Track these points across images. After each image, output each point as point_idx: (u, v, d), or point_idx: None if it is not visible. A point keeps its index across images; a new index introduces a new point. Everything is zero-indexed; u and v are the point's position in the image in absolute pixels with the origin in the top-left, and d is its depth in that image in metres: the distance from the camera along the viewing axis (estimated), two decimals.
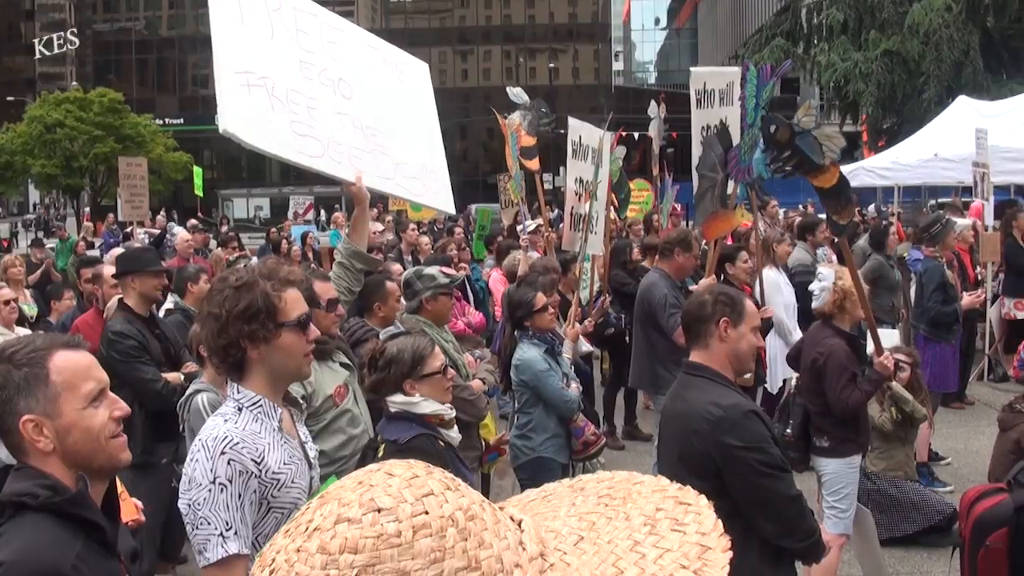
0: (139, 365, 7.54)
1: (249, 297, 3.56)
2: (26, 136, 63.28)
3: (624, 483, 1.61)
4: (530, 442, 7.65)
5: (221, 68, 5.47)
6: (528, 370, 7.60)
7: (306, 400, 5.22)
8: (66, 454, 2.85)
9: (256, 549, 3.40)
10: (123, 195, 21.05)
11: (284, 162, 5.85)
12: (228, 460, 3.41)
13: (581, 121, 11.93)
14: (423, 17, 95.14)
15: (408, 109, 6.92)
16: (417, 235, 17.14)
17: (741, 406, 4.68)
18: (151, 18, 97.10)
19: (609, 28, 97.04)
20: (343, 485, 1.41)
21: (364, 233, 6.46)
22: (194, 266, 10.75)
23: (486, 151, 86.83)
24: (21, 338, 3.04)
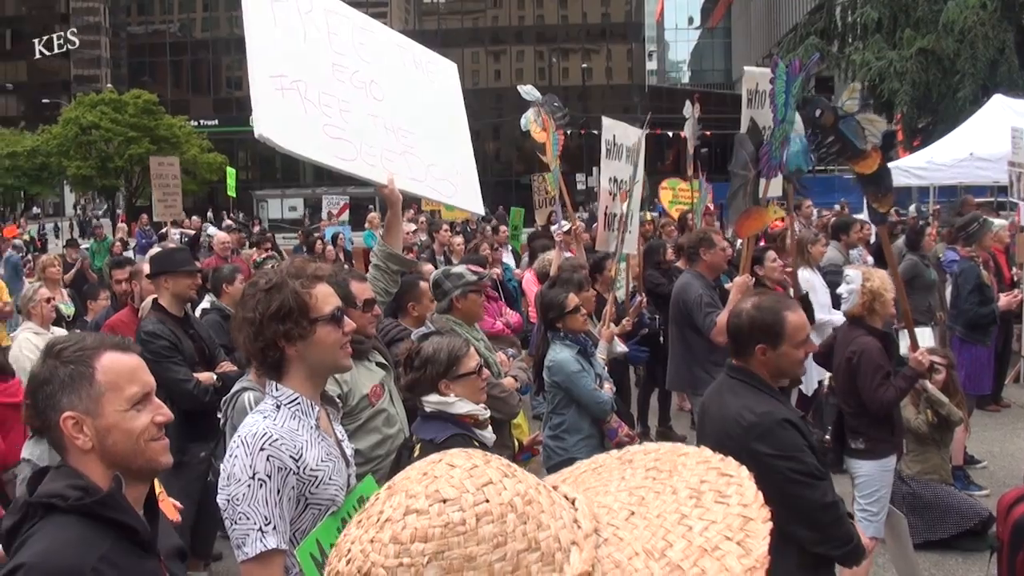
0: (170, 365, 7.60)
1: (280, 297, 3.61)
2: (61, 138, 63.79)
3: (670, 454, 1.68)
4: (563, 443, 7.64)
5: (255, 72, 5.49)
6: (561, 371, 7.59)
7: (342, 399, 5.25)
8: (105, 453, 2.88)
9: (294, 544, 3.45)
10: (155, 195, 21.10)
11: (318, 165, 5.88)
12: (267, 456, 3.45)
13: (615, 120, 11.91)
14: (456, 18, 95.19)
15: (437, 110, 6.93)
16: (450, 235, 17.16)
17: (774, 414, 4.66)
18: (185, 20, 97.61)
19: (642, 28, 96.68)
20: (409, 476, 1.49)
21: (398, 235, 6.49)
22: (229, 266, 10.82)
23: (519, 151, 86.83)
24: (71, 335, 3.07)
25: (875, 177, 7.29)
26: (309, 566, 3.31)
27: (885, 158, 7.51)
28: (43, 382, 2.90)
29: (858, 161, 7.19)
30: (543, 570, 1.41)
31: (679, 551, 1.46)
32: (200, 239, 21.17)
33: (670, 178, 20.68)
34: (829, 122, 7.25)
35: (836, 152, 7.31)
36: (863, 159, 7.15)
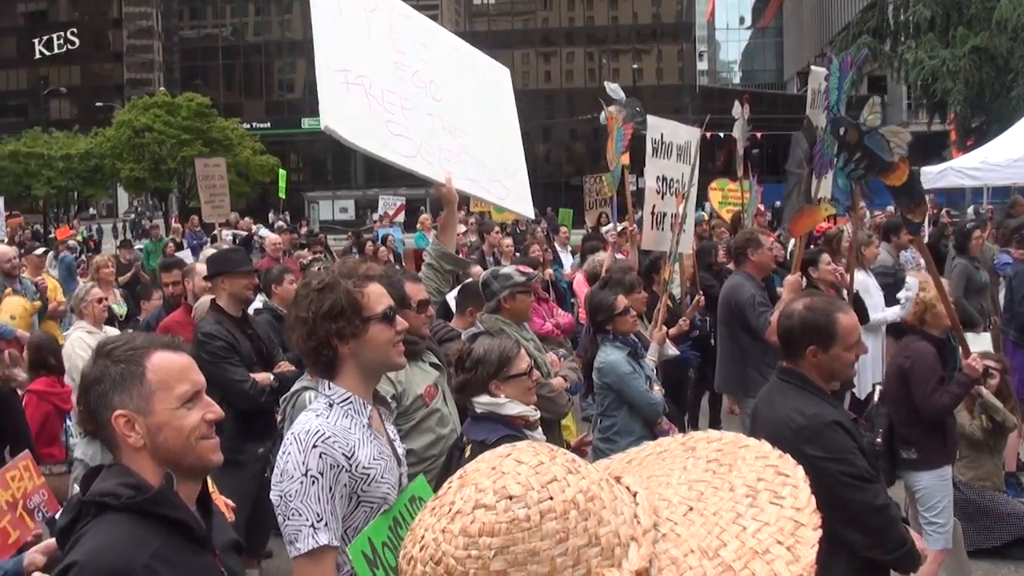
0: (227, 366, 7.63)
1: (332, 297, 3.65)
2: (115, 140, 64.47)
3: (731, 446, 1.74)
4: (614, 445, 7.59)
5: (322, 66, 5.56)
6: (612, 373, 7.57)
7: (396, 399, 5.30)
8: (156, 451, 2.91)
9: (345, 542, 3.47)
10: (202, 196, 21.18)
11: (380, 160, 5.91)
12: (320, 453, 3.48)
13: (662, 119, 11.87)
14: (506, 19, 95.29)
15: (491, 113, 6.98)
16: (500, 237, 17.18)
17: (824, 416, 4.64)
18: (237, 24, 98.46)
19: (693, 28, 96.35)
20: (479, 470, 1.58)
21: (452, 234, 6.53)
22: (279, 267, 10.91)
23: (568, 153, 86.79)
24: (122, 335, 3.11)
25: (906, 188, 7.26)
26: (360, 563, 3.34)
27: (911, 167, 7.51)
28: (95, 381, 2.94)
29: (887, 174, 7.18)
30: (603, 564, 1.47)
31: (732, 551, 1.50)
32: (252, 240, 21.30)
33: (719, 179, 20.60)
34: (854, 139, 7.23)
35: (865, 168, 7.28)
36: (892, 172, 7.14)
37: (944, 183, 22.47)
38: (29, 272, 13.57)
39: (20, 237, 31.75)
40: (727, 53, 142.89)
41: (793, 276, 8.39)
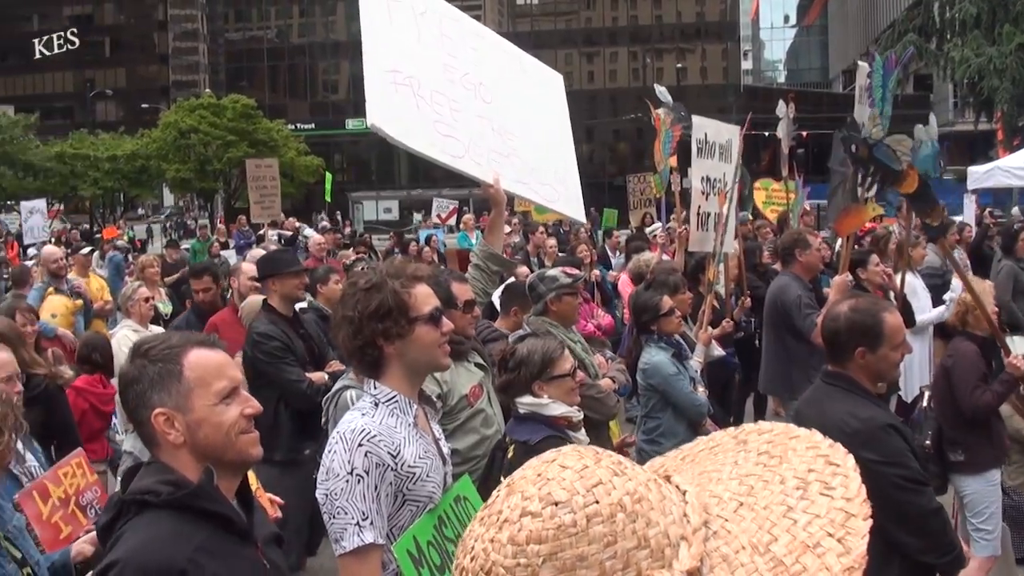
0: (284, 366, 7.66)
1: (379, 297, 3.67)
2: (161, 141, 65.00)
3: (782, 436, 1.71)
4: (659, 447, 7.56)
5: (370, 66, 5.61)
6: (656, 374, 7.56)
7: (442, 399, 5.31)
8: (196, 447, 2.94)
9: (391, 540, 3.49)
10: (253, 196, 21.35)
11: (428, 160, 5.93)
12: (365, 452, 3.51)
13: (706, 118, 11.82)
14: (549, 19, 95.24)
15: (543, 117, 6.99)
16: (544, 237, 17.16)
17: (878, 419, 4.60)
18: (282, 26, 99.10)
19: (737, 27, 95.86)
20: (525, 477, 1.55)
21: (499, 235, 6.54)
22: (324, 267, 10.96)
23: (612, 153, 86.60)
24: (158, 335, 3.15)
25: (919, 194, 7.25)
26: (406, 562, 3.35)
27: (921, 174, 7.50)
28: (132, 381, 2.98)
29: (900, 183, 7.17)
30: (653, 566, 1.46)
31: (783, 546, 1.49)
32: (297, 240, 21.42)
33: (763, 178, 20.48)
34: (864, 154, 7.24)
35: (880, 180, 7.27)
36: (903, 180, 7.13)
37: (991, 183, 22.22)
38: (76, 272, 13.70)
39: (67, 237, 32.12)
40: (772, 52, 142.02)
41: (841, 277, 8.33)
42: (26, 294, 11.68)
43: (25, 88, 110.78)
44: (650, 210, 20.17)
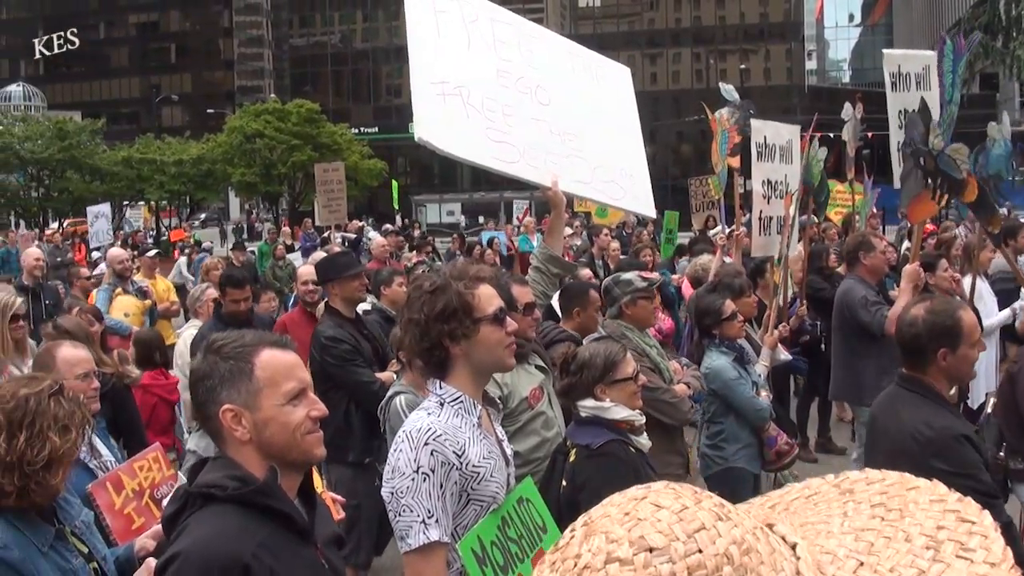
0: (354, 368, 7.72)
1: (444, 298, 3.71)
2: (226, 146, 65.72)
3: (898, 488, 1.51)
4: (722, 452, 7.54)
5: (417, 79, 5.61)
6: (718, 378, 7.51)
7: (502, 401, 5.31)
8: (261, 445, 2.98)
9: (455, 539, 3.51)
10: (320, 200, 21.55)
11: (479, 168, 5.94)
12: (431, 451, 3.54)
13: (765, 121, 11.70)
14: (611, 21, 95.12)
15: (608, 113, 6.94)
16: (609, 239, 17.09)
17: (952, 429, 4.53)
18: (345, 31, 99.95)
19: (801, 26, 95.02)
20: (608, 515, 1.34)
21: (559, 237, 6.53)
22: (388, 269, 11.03)
23: (675, 155, 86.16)
24: (231, 333, 3.17)
25: (980, 202, 7.15)
26: (470, 561, 3.36)
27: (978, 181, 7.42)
28: (203, 376, 3.02)
29: (963, 192, 7.09)
30: None
31: None
32: (361, 242, 21.57)
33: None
34: (932, 165, 7.16)
35: (948, 190, 7.20)
36: (965, 189, 7.05)
37: None
38: (143, 273, 13.90)
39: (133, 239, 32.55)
40: (836, 51, 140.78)
41: (912, 266, 8.20)
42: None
43: (92, 94, 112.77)
44: (713, 213, 20.04)
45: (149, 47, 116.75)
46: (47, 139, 62.25)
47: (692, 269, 12.01)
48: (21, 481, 3.69)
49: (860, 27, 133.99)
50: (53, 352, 5.39)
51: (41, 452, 3.70)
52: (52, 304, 11.62)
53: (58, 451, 3.75)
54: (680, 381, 7.33)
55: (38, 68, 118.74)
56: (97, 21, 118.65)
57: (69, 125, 65.61)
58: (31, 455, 3.69)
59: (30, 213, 65.14)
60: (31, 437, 3.72)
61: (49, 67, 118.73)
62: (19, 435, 3.71)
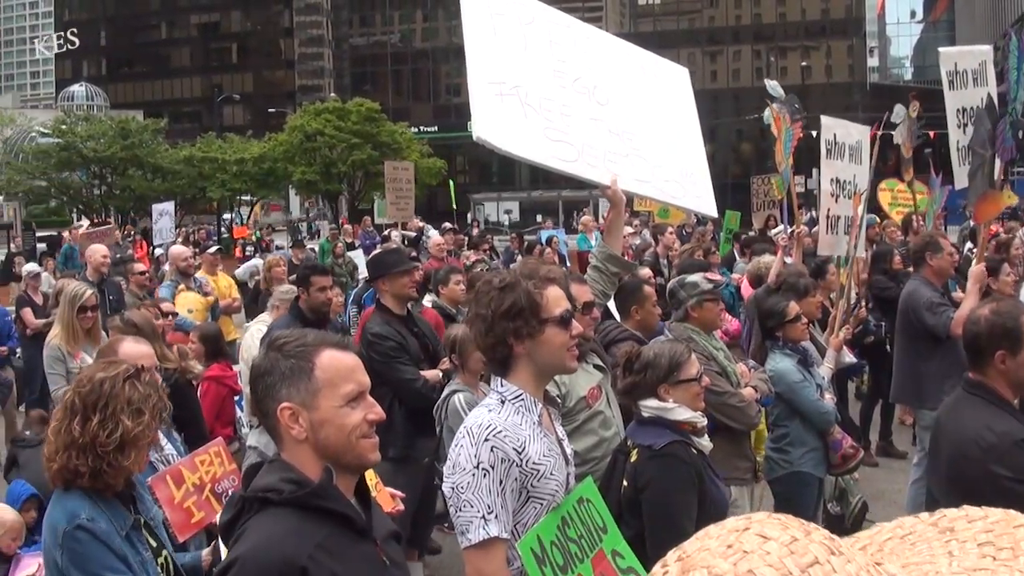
0: (398, 365, 7.76)
1: (512, 296, 3.72)
2: (287, 144, 66.20)
3: (1004, 525, 1.41)
4: (787, 456, 7.45)
5: (474, 80, 5.62)
6: (782, 381, 7.41)
7: (561, 400, 5.30)
8: (317, 445, 2.98)
9: (515, 537, 3.51)
10: (388, 197, 21.72)
11: (538, 167, 5.94)
12: (491, 447, 3.56)
13: (835, 119, 11.57)
14: (671, 19, 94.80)
15: (667, 113, 6.91)
16: (673, 239, 16.96)
17: (1014, 434, 4.43)
18: (405, 31, 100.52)
19: (863, 22, 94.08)
20: (707, 548, 1.24)
21: (618, 236, 6.50)
22: (447, 267, 11.09)
23: (735, 154, 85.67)
24: (294, 331, 3.19)
25: None
26: (529, 560, 3.35)
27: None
28: (264, 373, 3.04)
29: None
30: None
31: None
32: (420, 240, 21.62)
33: (889, 179, 20.01)
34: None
35: None
36: None
37: None
38: (205, 270, 14.03)
39: (195, 237, 32.90)
40: (898, 48, 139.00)
41: (978, 267, 8.08)
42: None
43: (154, 94, 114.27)
44: (774, 212, 19.88)
45: (211, 47, 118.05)
46: (109, 138, 62.98)
47: (754, 268, 11.86)
48: (95, 463, 3.80)
49: (922, 23, 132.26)
50: (115, 347, 5.50)
51: (113, 434, 3.81)
52: (115, 299, 11.76)
53: (130, 433, 3.84)
54: (747, 384, 7.26)
55: (100, 68, 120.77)
56: (159, 22, 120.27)
57: (132, 124, 66.38)
58: (103, 437, 3.80)
59: (92, 210, 66.00)
60: (103, 419, 3.83)
61: (111, 67, 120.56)
62: (92, 417, 3.83)
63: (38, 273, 16.11)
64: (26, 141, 74.51)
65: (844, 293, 9.47)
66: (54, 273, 21.20)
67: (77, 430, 3.81)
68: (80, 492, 3.85)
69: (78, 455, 3.79)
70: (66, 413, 3.90)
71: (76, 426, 3.82)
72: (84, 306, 8.34)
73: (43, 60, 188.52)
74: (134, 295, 12.33)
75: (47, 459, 3.94)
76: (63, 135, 63.38)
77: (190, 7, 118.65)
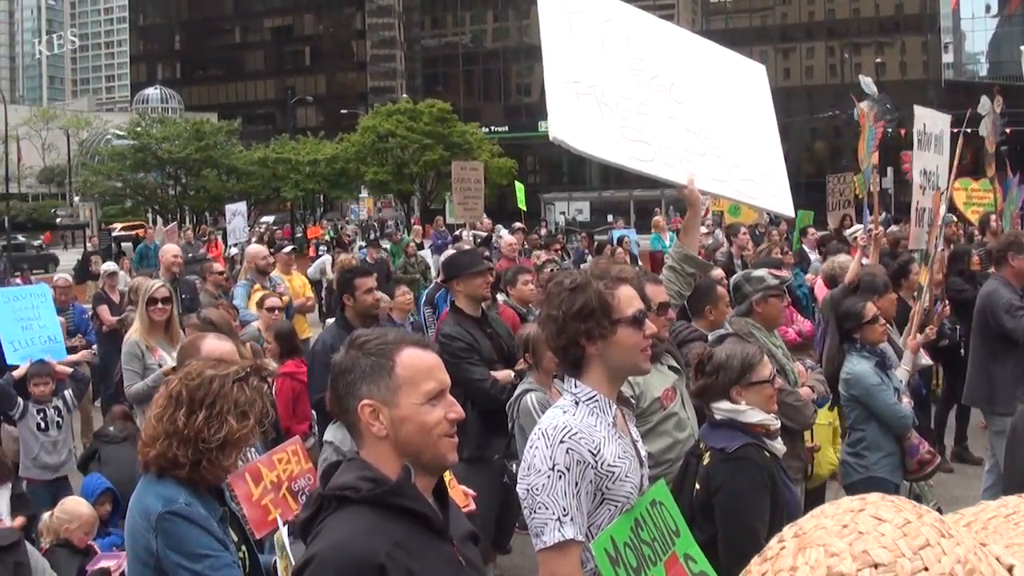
0: (468, 366, 7.76)
1: (584, 297, 3.70)
2: (359, 145, 66.87)
3: None
4: (864, 460, 7.34)
5: (551, 79, 5.60)
6: (859, 384, 7.32)
7: (634, 401, 5.28)
8: (397, 443, 2.99)
9: (589, 538, 3.49)
10: (456, 198, 21.76)
11: (614, 167, 5.92)
12: (567, 449, 3.55)
13: (925, 109, 11.34)
14: (744, 16, 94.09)
15: (744, 112, 6.83)
16: (747, 239, 16.86)
17: None
18: (476, 31, 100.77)
19: (938, 18, 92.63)
20: (824, 527, 1.28)
21: (695, 236, 6.46)
22: (515, 267, 11.11)
23: (808, 152, 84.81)
24: (375, 330, 3.22)
25: None
26: (603, 561, 3.34)
27: None
28: (345, 370, 3.05)
29: None
30: None
31: None
32: (492, 240, 21.66)
33: (962, 178, 19.67)
34: None
35: None
36: None
37: None
38: (279, 269, 14.16)
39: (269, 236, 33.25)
40: (973, 44, 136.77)
41: None
42: None
43: (228, 96, 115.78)
44: (849, 211, 19.65)
45: (284, 50, 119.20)
46: (184, 140, 64.00)
47: (829, 267, 11.71)
48: (195, 456, 3.84)
49: (997, 18, 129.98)
50: (198, 344, 5.55)
51: (218, 433, 3.85)
52: (189, 298, 11.93)
53: (234, 434, 3.90)
54: (804, 384, 7.20)
55: (175, 71, 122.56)
56: (232, 26, 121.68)
57: (206, 126, 67.39)
58: (207, 434, 3.85)
59: (167, 210, 67.02)
60: (210, 417, 3.87)
61: (185, 70, 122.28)
62: (198, 412, 3.87)
63: (115, 271, 16.35)
64: (101, 143, 75.99)
65: (922, 294, 9.32)
66: (130, 272, 21.53)
67: (181, 421, 3.86)
68: (175, 480, 3.90)
69: (179, 445, 3.84)
70: (170, 402, 3.95)
71: (181, 417, 3.87)
72: (154, 298, 8.44)
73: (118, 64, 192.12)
74: (209, 294, 12.48)
75: (144, 444, 3.99)
76: (138, 137, 64.52)
77: (263, 11, 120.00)
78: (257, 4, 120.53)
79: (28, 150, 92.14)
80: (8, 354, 10.02)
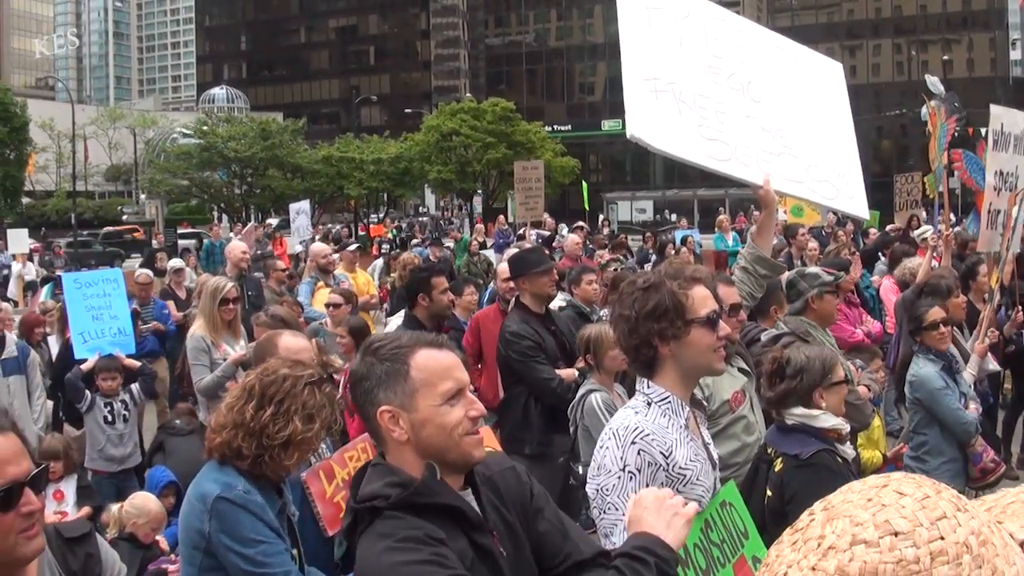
0: (534, 364, 7.80)
1: (657, 297, 3.68)
2: (423, 144, 67.14)
3: None
4: (924, 465, 7.25)
5: (629, 75, 5.58)
6: (923, 387, 7.26)
7: (704, 402, 5.25)
8: (419, 445, 2.99)
9: None
10: (518, 197, 21.80)
11: (691, 166, 5.87)
12: (638, 450, 3.54)
13: (1003, 108, 11.14)
14: (810, 13, 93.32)
15: (820, 111, 6.74)
16: (807, 239, 16.74)
17: None
18: (540, 30, 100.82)
19: (1005, 14, 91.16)
20: (850, 501, 1.40)
21: (769, 237, 6.40)
22: (579, 267, 11.09)
23: (875, 151, 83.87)
24: (388, 334, 3.23)
25: None
26: None
27: None
28: (361, 378, 3.06)
29: None
30: None
31: None
32: (555, 240, 21.64)
33: None
34: None
35: None
36: None
37: None
38: (343, 267, 14.24)
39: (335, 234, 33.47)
40: None
41: None
42: None
43: (294, 96, 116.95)
44: (918, 212, 19.44)
45: (348, 50, 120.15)
46: (250, 139, 64.53)
47: (900, 273, 11.58)
48: (258, 450, 3.92)
49: None
50: (275, 340, 5.60)
51: (282, 431, 3.93)
52: (254, 295, 12.02)
53: (298, 435, 3.96)
54: (859, 383, 7.13)
55: (241, 71, 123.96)
56: (298, 26, 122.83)
57: (272, 125, 67.93)
58: (272, 430, 3.92)
59: (232, 208, 67.65)
60: (277, 414, 3.95)
61: (251, 71, 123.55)
62: (267, 407, 3.95)
63: (181, 268, 16.54)
64: (168, 142, 76.91)
65: (992, 297, 9.16)
66: (196, 269, 21.77)
67: (249, 413, 3.94)
68: (236, 469, 3.96)
69: (244, 437, 3.92)
70: (243, 394, 4.04)
71: (249, 409, 3.95)
72: (225, 298, 8.58)
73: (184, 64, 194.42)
74: (272, 291, 12.58)
75: (212, 431, 4.07)
76: (204, 136, 65.16)
77: (328, 11, 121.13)
78: (322, 4, 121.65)
79: (95, 149, 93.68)
80: (77, 346, 10.15)
